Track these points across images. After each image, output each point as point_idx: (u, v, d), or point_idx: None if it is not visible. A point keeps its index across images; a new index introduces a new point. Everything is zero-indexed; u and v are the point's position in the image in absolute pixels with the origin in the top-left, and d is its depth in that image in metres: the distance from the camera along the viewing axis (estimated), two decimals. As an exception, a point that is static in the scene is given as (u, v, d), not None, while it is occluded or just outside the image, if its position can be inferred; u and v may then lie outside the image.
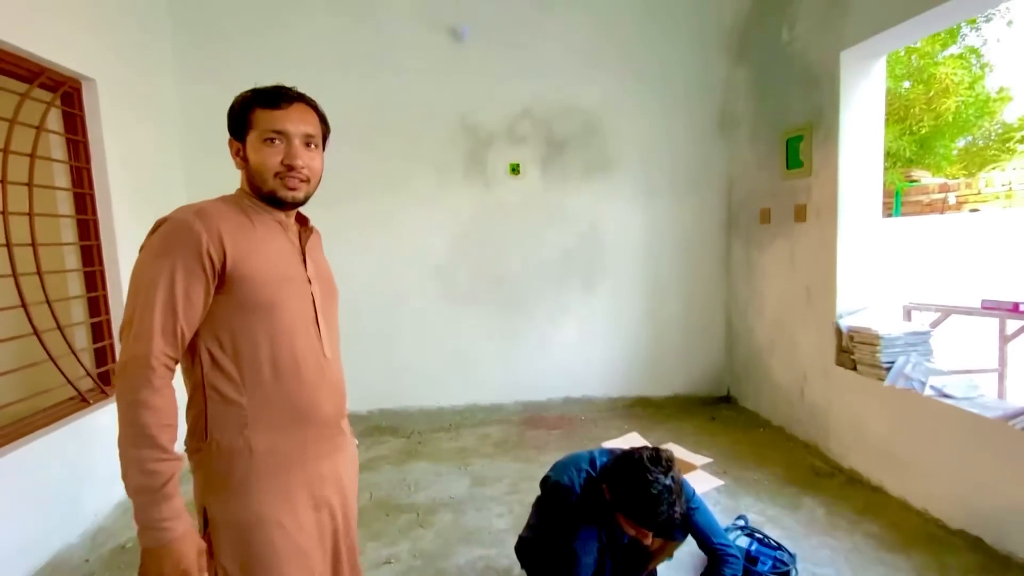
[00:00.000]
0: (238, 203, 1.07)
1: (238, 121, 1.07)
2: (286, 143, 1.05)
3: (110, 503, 2.51)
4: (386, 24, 3.46)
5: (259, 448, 1.02)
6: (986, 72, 13.88)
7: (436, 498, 2.64)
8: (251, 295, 1.00)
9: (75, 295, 2.61)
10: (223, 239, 0.98)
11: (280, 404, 1.03)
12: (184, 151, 3.36)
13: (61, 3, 2.42)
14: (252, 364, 1.01)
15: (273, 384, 1.03)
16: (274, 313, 1.02)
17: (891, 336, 2.51)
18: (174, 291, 0.94)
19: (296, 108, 1.07)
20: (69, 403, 2.46)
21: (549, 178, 3.68)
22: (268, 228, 1.08)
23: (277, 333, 1.03)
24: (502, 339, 3.74)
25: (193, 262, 0.95)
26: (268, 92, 1.06)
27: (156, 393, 0.91)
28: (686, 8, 3.62)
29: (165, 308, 0.93)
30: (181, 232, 0.96)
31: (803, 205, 3.01)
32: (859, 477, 2.65)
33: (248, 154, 1.06)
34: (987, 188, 13.90)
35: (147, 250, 0.98)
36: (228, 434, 1.00)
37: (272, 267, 1.04)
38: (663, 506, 1.42)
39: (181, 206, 1.02)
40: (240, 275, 0.99)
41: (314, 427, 1.08)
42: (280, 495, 1.03)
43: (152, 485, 0.90)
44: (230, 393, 1.00)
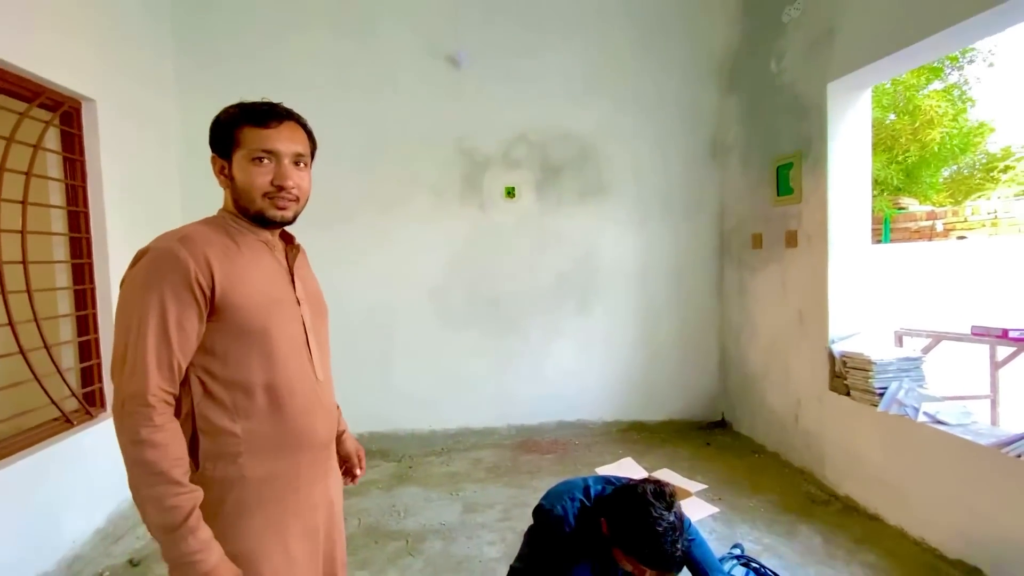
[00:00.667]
0: (222, 225, 1.04)
1: (223, 137, 1.02)
2: (275, 162, 1.02)
3: (89, 529, 2.43)
4: (386, 49, 3.53)
5: (253, 476, 0.99)
6: (968, 106, 14.31)
7: (426, 525, 2.58)
8: (242, 321, 0.97)
9: (64, 313, 2.58)
10: (211, 265, 0.95)
11: (274, 430, 1.01)
12: (183, 172, 3.37)
13: (64, 24, 2.45)
14: (245, 391, 0.98)
15: (267, 410, 1.00)
16: (265, 338, 0.99)
17: (883, 362, 2.52)
18: (167, 323, 0.91)
19: (286, 126, 1.03)
20: (53, 424, 2.41)
21: (544, 202, 3.72)
22: (254, 250, 1.04)
23: (269, 358, 1.00)
24: (496, 362, 3.72)
25: (183, 291, 0.92)
26: (257, 110, 1.03)
27: (159, 430, 0.89)
28: (678, 40, 3.73)
29: (159, 341, 0.90)
30: (167, 261, 0.92)
31: (794, 231, 3.05)
32: (855, 505, 2.62)
33: (234, 172, 1.02)
34: (973, 216, 14.18)
35: (132, 282, 0.94)
36: (221, 464, 0.97)
37: (261, 291, 1.01)
38: (667, 545, 1.37)
39: (163, 234, 0.99)
40: (230, 302, 0.96)
41: (308, 452, 1.06)
42: (272, 527, 1.01)
43: (174, 522, 0.87)
44: (223, 422, 0.97)
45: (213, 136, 1.04)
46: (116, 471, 2.69)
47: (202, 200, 3.29)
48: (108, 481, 2.52)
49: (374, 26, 3.52)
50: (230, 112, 1.04)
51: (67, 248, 2.59)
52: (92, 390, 2.63)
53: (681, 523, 1.43)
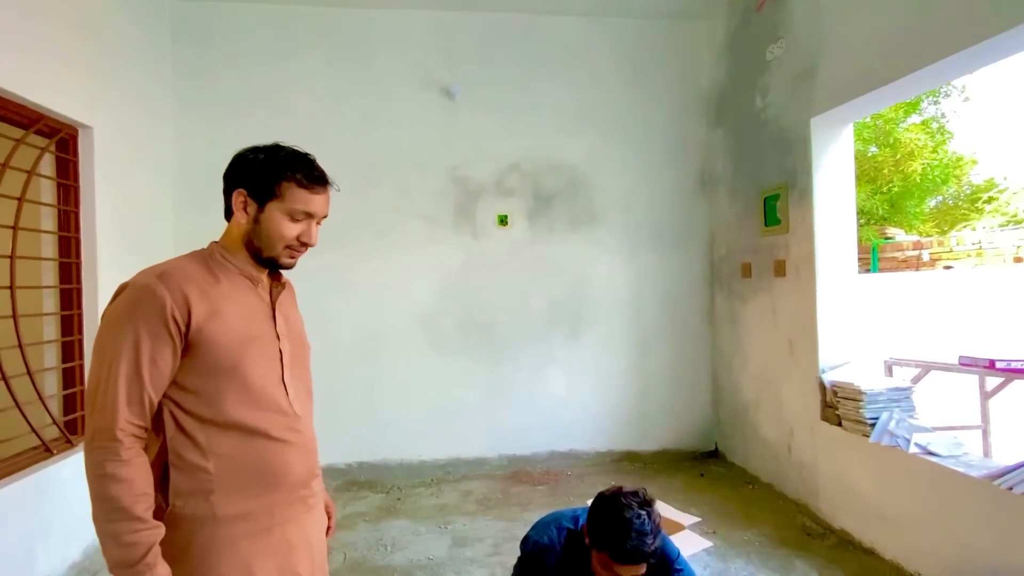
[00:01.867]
0: (206, 260, 1.04)
1: (263, 184, 1.02)
2: (307, 221, 1.06)
3: (64, 563, 2.34)
4: (382, 80, 3.61)
5: (224, 515, 0.97)
6: (947, 139, 14.79)
7: (414, 559, 2.51)
8: (214, 357, 0.97)
9: (50, 339, 2.54)
10: (188, 301, 0.95)
11: (247, 468, 0.99)
12: (177, 199, 3.39)
13: (63, 52, 2.49)
14: (217, 427, 0.97)
15: (240, 447, 0.99)
16: (238, 374, 0.99)
17: (874, 392, 2.53)
18: (139, 358, 0.91)
19: (326, 191, 1.07)
20: (32, 453, 2.35)
21: (536, 230, 3.76)
22: (234, 284, 1.04)
23: (242, 394, 0.99)
24: (487, 390, 3.69)
25: (158, 326, 0.92)
26: (308, 173, 1.04)
27: (124, 465, 0.88)
28: (666, 75, 3.85)
29: (130, 376, 0.91)
30: (144, 297, 0.93)
31: (782, 260, 3.09)
32: (851, 538, 2.58)
33: (263, 219, 1.03)
34: (959, 246, 14.45)
35: (109, 317, 0.95)
36: (191, 501, 0.96)
37: (236, 328, 1.00)
38: (633, 532, 1.37)
39: (144, 269, 1.00)
40: (204, 338, 0.96)
41: (283, 490, 1.04)
42: (243, 567, 0.98)
43: (131, 557, 0.87)
44: (194, 459, 0.96)
45: (250, 176, 1.03)
46: (94, 503, 2.58)
47: (195, 228, 3.32)
48: (86, 514, 2.40)
49: (370, 57, 3.61)
50: (278, 160, 1.03)
51: (56, 273, 2.57)
52: (74, 418, 2.58)
53: (655, 524, 1.43)
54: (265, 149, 1.05)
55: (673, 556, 1.62)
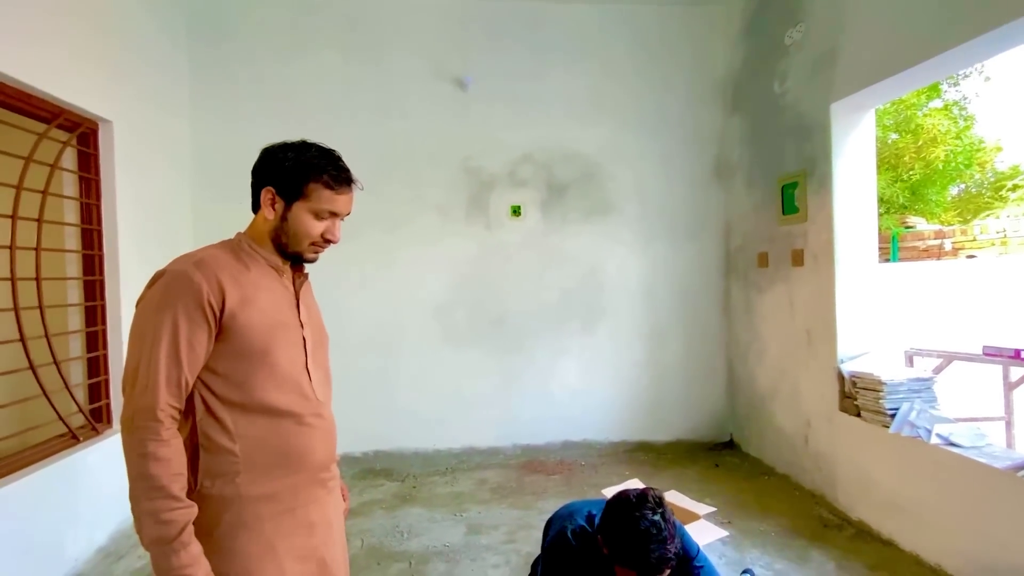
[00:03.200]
0: (236, 249, 1.08)
1: (291, 183, 1.06)
2: (331, 220, 1.11)
3: (91, 548, 2.42)
4: (395, 73, 3.61)
5: (250, 495, 1.00)
6: (970, 125, 14.36)
7: (430, 546, 2.54)
8: (246, 342, 1.01)
9: (75, 329, 2.61)
10: (223, 287, 0.99)
11: (273, 450, 1.03)
12: (194, 193, 3.44)
13: (84, 48, 2.53)
14: (245, 411, 1.01)
15: (266, 430, 1.02)
16: (267, 359, 1.03)
17: (894, 382, 2.49)
18: (178, 341, 0.95)
19: (351, 191, 1.12)
20: (59, 440, 2.42)
21: (549, 220, 3.74)
22: (263, 274, 1.09)
23: (270, 379, 1.03)
24: (501, 381, 3.70)
25: (195, 311, 0.96)
26: (336, 174, 1.08)
27: (164, 444, 0.92)
28: (681, 61, 3.79)
29: (169, 359, 0.94)
30: (181, 283, 0.97)
31: (800, 250, 3.04)
32: (869, 529, 2.56)
33: (290, 217, 1.08)
34: (982, 235, 14.09)
35: (148, 302, 0.99)
36: (219, 482, 0.99)
37: (267, 313, 1.04)
38: (653, 543, 1.36)
39: (179, 257, 1.03)
40: (237, 323, 1.00)
41: (306, 472, 1.07)
42: (267, 547, 1.01)
43: (168, 535, 0.90)
44: (223, 440, 0.99)
45: (279, 175, 1.07)
46: (120, 489, 2.68)
47: (212, 218, 3.37)
48: (112, 499, 2.51)
49: (383, 50, 3.61)
50: (307, 160, 1.07)
51: (79, 265, 2.63)
52: (99, 406, 2.64)
53: (671, 525, 1.42)
54: (294, 148, 1.08)
55: (693, 553, 1.61)
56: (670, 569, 1.41)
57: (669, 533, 1.40)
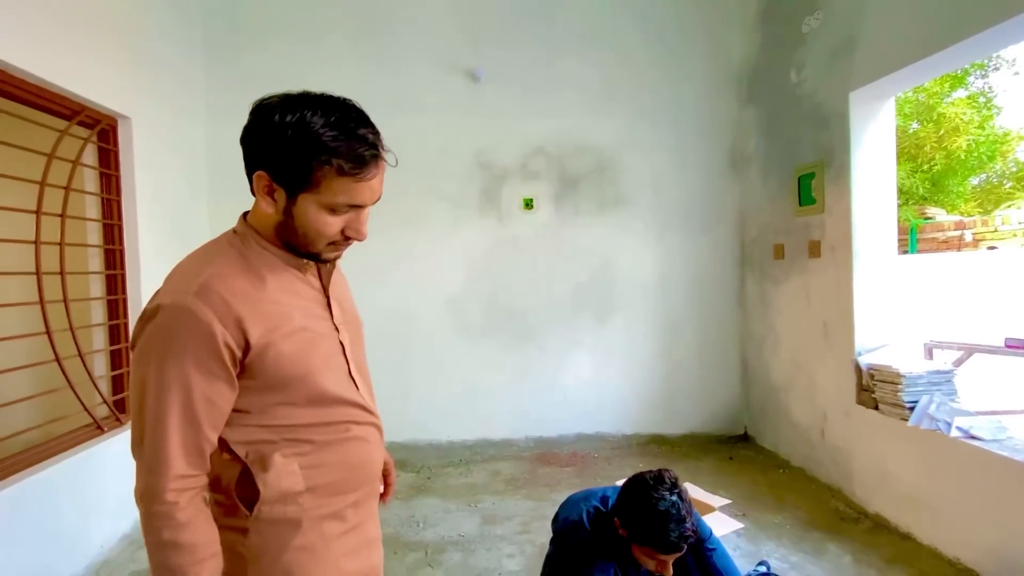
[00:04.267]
0: (242, 253, 0.84)
1: (292, 166, 0.77)
2: (354, 211, 0.84)
3: (116, 535, 2.48)
4: (407, 68, 3.61)
5: (315, 516, 0.88)
6: (994, 114, 14.00)
7: (445, 536, 2.57)
8: (280, 372, 0.83)
9: (98, 323, 2.67)
10: (241, 322, 0.78)
11: (334, 467, 0.89)
12: (210, 188, 3.48)
13: (103, 46, 2.57)
14: (297, 432, 0.86)
15: (324, 448, 0.88)
16: (309, 382, 0.86)
17: (913, 375, 2.46)
18: (192, 401, 0.76)
19: (380, 170, 0.84)
20: (84, 430, 2.48)
21: (562, 213, 3.73)
22: (281, 280, 0.86)
23: (315, 400, 0.87)
24: (514, 373, 3.72)
25: (209, 360, 0.76)
26: (353, 154, 0.79)
27: (183, 529, 0.76)
28: (695, 51, 3.74)
29: (182, 424, 0.76)
30: (186, 325, 0.75)
31: (817, 241, 3.01)
32: (886, 523, 2.54)
33: (296, 212, 0.81)
34: (1003, 226, 13.75)
35: (145, 351, 0.77)
36: (279, 506, 0.84)
37: (299, 334, 0.85)
38: (672, 523, 1.40)
39: (173, 279, 0.80)
40: (266, 358, 0.81)
41: (366, 485, 0.96)
42: (334, 570, 0.91)
43: None
44: (280, 463, 0.84)
45: (274, 155, 0.78)
46: (144, 477, 2.71)
47: (229, 212, 3.40)
48: (136, 487, 2.57)
49: (396, 44, 3.61)
50: (309, 139, 0.76)
51: (101, 259, 2.69)
52: (122, 397, 2.70)
53: (688, 504, 1.45)
54: (295, 110, 0.78)
55: (706, 534, 1.64)
56: (687, 546, 1.43)
57: (687, 511, 1.43)
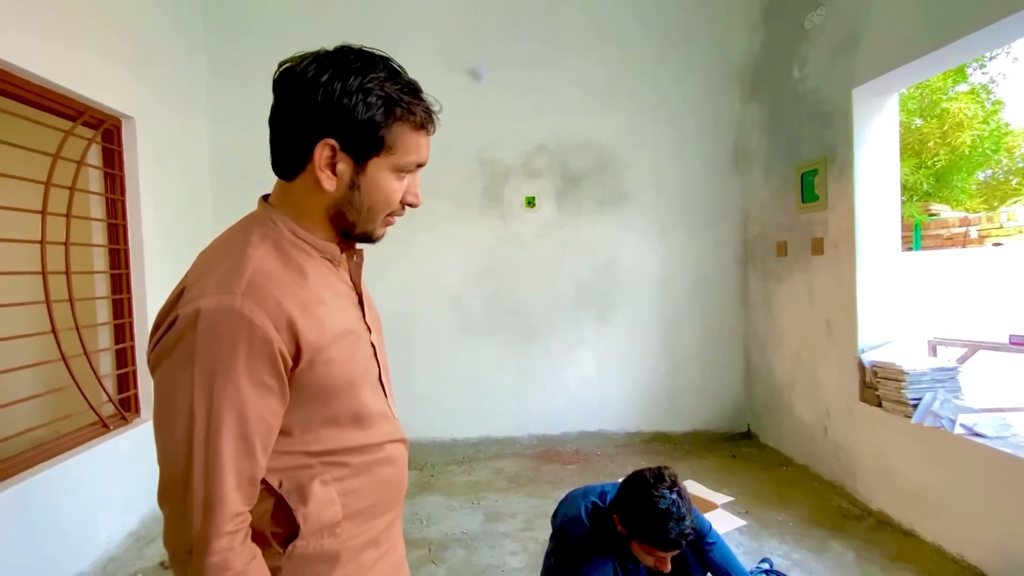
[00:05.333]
0: (278, 243, 0.74)
1: (367, 131, 0.70)
2: (413, 174, 0.79)
3: (123, 532, 2.50)
4: (407, 63, 3.52)
5: (354, 546, 0.78)
6: (998, 109, 13.90)
7: (449, 533, 2.58)
8: (329, 383, 0.73)
9: (103, 322, 2.68)
10: (294, 324, 0.68)
11: (369, 490, 0.80)
12: (214, 187, 3.49)
13: (106, 47, 2.58)
14: (334, 456, 0.76)
15: (360, 471, 0.79)
16: (351, 392, 0.77)
17: (917, 372, 2.45)
18: (246, 422, 0.65)
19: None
20: (90, 428, 2.50)
21: (564, 211, 3.73)
22: (320, 275, 0.77)
23: (356, 414, 0.78)
24: (516, 371, 3.72)
25: (263, 373, 0.65)
26: (423, 102, 0.77)
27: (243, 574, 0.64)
28: (697, 48, 3.73)
29: (239, 452, 0.64)
30: (237, 332, 0.64)
31: (820, 238, 3.00)
32: (889, 520, 2.53)
33: (364, 183, 0.74)
34: (1009, 222, 13.67)
35: (182, 365, 0.64)
36: (315, 540, 0.74)
37: (343, 339, 0.76)
38: (671, 521, 1.41)
39: (210, 280, 0.67)
40: (316, 365, 0.71)
41: (398, 505, 0.87)
42: None
43: None
44: (317, 493, 0.73)
45: (342, 117, 0.69)
46: (148, 475, 2.76)
47: (231, 212, 3.42)
48: (141, 485, 2.60)
49: (396, 41, 3.60)
50: (381, 92, 0.71)
51: (106, 259, 2.70)
52: (127, 396, 2.72)
53: (687, 502, 1.46)
54: (350, 69, 0.71)
55: (705, 529, 1.64)
56: (686, 542, 1.44)
57: (686, 509, 1.44)
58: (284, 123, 0.74)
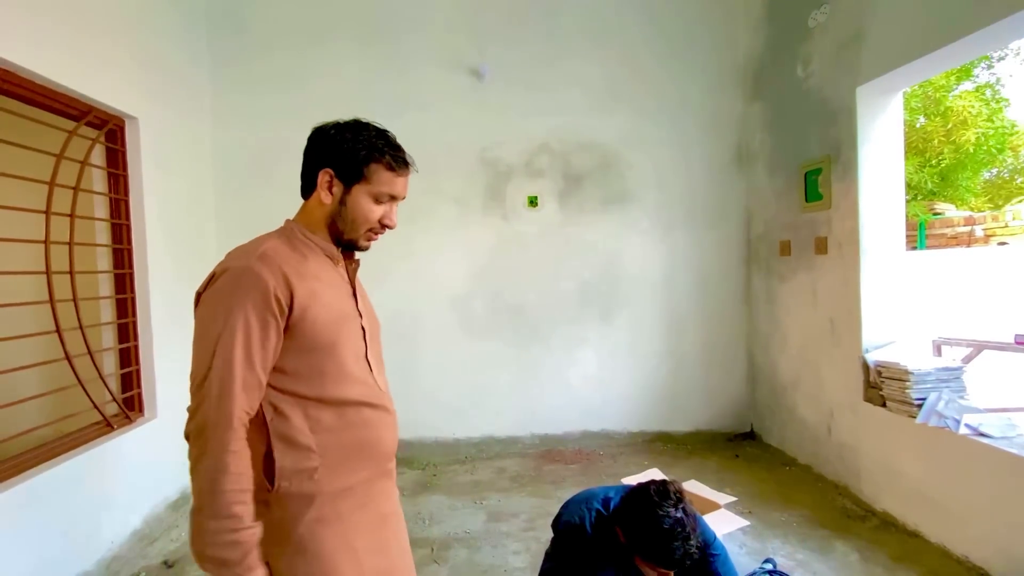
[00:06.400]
0: (290, 239, 1.04)
1: (351, 164, 1.02)
2: (389, 204, 1.08)
3: (126, 531, 2.51)
4: (411, 66, 3.61)
5: (329, 491, 0.98)
6: (1003, 107, 13.82)
7: (451, 533, 2.58)
8: (315, 337, 0.97)
9: (107, 321, 2.69)
10: (289, 282, 0.95)
11: (348, 444, 1.00)
12: (216, 188, 3.50)
13: (110, 48, 2.59)
14: (318, 405, 0.98)
15: (340, 424, 1.00)
16: (335, 353, 1.00)
17: (921, 372, 2.44)
18: (250, 343, 0.90)
19: (408, 172, 1.09)
20: (94, 427, 2.50)
21: (567, 211, 3.72)
22: (321, 264, 1.05)
23: (339, 372, 1.00)
24: (519, 371, 3.72)
25: (264, 310, 0.92)
26: (397, 155, 1.05)
27: (235, 457, 0.87)
28: (699, 47, 3.72)
29: (244, 363, 0.90)
30: (248, 280, 0.92)
31: (823, 238, 2.99)
32: (894, 520, 2.52)
33: (348, 201, 1.04)
34: (1014, 221, 13.59)
35: (214, 302, 0.93)
36: (296, 480, 0.95)
37: (331, 306, 1.01)
38: (677, 541, 1.38)
39: (236, 250, 0.99)
40: (306, 318, 0.96)
41: (378, 463, 1.06)
42: (346, 545, 0.99)
43: (233, 558, 0.85)
44: (299, 437, 0.96)
45: (338, 156, 1.02)
46: (153, 474, 2.76)
47: (234, 212, 3.44)
48: (145, 484, 2.60)
49: (399, 41, 3.61)
50: (368, 141, 1.03)
51: (110, 259, 2.71)
52: (131, 395, 2.73)
53: (692, 519, 1.43)
54: (351, 127, 1.04)
55: (710, 540, 1.61)
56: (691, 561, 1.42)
57: (692, 528, 1.41)
58: (307, 160, 1.07)
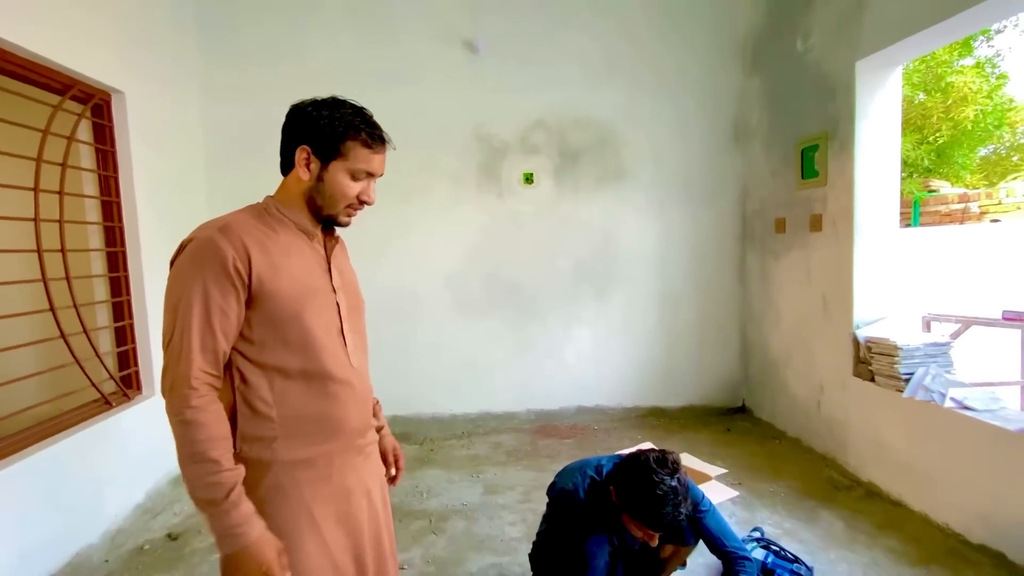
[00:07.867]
0: (262, 214, 1.06)
1: (328, 141, 1.03)
2: (367, 181, 1.08)
3: (129, 505, 2.55)
4: (404, 40, 3.53)
5: (286, 460, 1.02)
6: (1003, 83, 13.70)
7: (448, 505, 2.64)
8: (277, 308, 1.00)
9: (100, 300, 2.68)
10: (248, 252, 0.98)
11: (309, 417, 1.04)
12: (207, 163, 3.45)
13: (94, 20, 2.51)
14: (280, 376, 1.02)
15: (302, 396, 1.03)
16: (300, 325, 1.02)
17: (910, 347, 2.48)
18: (209, 308, 0.95)
19: (385, 150, 1.09)
20: (92, 405, 2.52)
21: (562, 188, 3.70)
22: (292, 238, 1.07)
23: (304, 345, 1.03)
24: (515, 348, 3.75)
25: (223, 278, 0.96)
26: (372, 132, 1.05)
27: (198, 411, 0.93)
28: (699, 21, 3.65)
29: (203, 326, 0.95)
30: (208, 249, 0.96)
31: (819, 215, 2.99)
32: (878, 491, 2.60)
33: (326, 177, 1.05)
34: (1008, 198, 13.63)
35: (176, 271, 0.99)
36: (256, 446, 1.01)
37: (297, 279, 1.03)
38: (668, 507, 1.44)
39: (204, 223, 1.03)
40: (266, 289, 0.99)
41: (342, 438, 1.08)
42: (303, 512, 1.03)
43: (216, 497, 0.92)
44: (259, 406, 1.01)
45: (315, 133, 1.03)
46: (153, 450, 2.79)
47: (226, 186, 3.40)
48: (146, 459, 2.64)
49: (392, 14, 3.52)
50: (343, 119, 1.03)
51: (102, 237, 2.68)
52: (129, 373, 2.74)
53: (685, 488, 1.49)
54: (328, 104, 1.04)
55: (699, 498, 1.68)
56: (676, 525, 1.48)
57: (683, 497, 1.46)
58: (285, 138, 1.08)
